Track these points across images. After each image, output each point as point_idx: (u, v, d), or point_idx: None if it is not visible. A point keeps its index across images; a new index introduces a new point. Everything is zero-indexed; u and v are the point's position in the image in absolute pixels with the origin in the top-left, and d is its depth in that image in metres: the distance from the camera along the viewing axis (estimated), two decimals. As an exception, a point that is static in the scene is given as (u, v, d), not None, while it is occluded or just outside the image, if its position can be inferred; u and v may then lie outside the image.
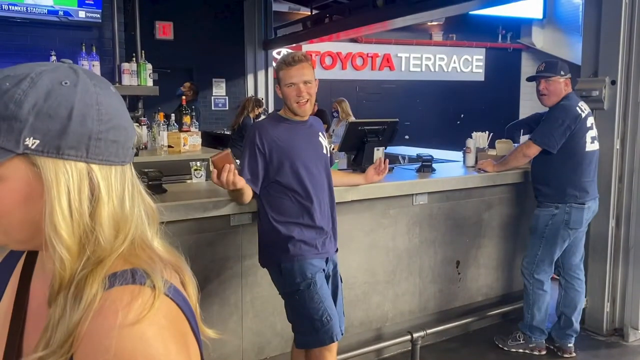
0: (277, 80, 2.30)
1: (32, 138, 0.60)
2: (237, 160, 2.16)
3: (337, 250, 2.41)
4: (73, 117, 0.61)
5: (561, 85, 3.07)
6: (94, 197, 0.63)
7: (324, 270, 2.29)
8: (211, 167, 2.09)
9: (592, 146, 3.07)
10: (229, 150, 2.11)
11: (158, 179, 2.56)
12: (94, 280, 0.61)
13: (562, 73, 3.08)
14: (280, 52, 9.25)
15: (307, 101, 2.24)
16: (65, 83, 0.63)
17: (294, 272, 2.21)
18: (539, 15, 10.87)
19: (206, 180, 3.02)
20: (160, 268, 0.65)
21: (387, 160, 2.76)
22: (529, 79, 3.23)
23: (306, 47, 9.21)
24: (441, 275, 3.44)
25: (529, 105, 10.44)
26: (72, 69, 0.66)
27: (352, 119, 6.31)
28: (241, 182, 2.13)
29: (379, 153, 3.24)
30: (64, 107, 0.61)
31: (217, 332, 0.71)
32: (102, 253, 0.63)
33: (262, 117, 5.77)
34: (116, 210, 0.65)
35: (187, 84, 6.72)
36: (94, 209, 0.63)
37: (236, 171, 2.08)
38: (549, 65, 3.15)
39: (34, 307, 0.69)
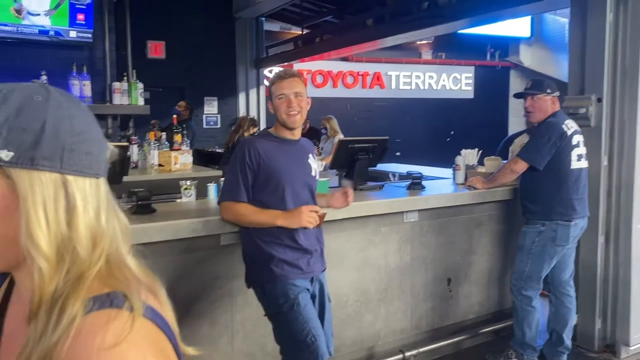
0: (270, 96, 2.30)
1: (6, 150, 0.61)
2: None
3: (324, 269, 2.39)
4: (46, 129, 0.63)
5: (547, 102, 3.11)
6: (70, 207, 0.64)
7: (308, 289, 2.26)
8: (318, 221, 2.23)
9: (578, 164, 3.09)
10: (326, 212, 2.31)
11: (147, 198, 2.55)
12: (76, 299, 0.61)
13: (549, 91, 3.12)
14: (272, 71, 9.31)
15: (297, 112, 2.23)
16: (37, 98, 0.64)
17: (276, 293, 2.19)
18: (527, 34, 11.03)
19: (196, 199, 3.02)
20: (138, 289, 0.65)
21: (352, 193, 2.51)
22: (516, 96, 3.28)
23: (297, 65, 9.26)
24: (433, 293, 3.43)
25: (517, 122, 10.54)
26: (43, 87, 0.67)
27: (341, 136, 6.36)
28: None
29: (347, 184, 3.14)
30: (36, 119, 0.63)
31: (198, 349, 0.71)
32: (81, 266, 0.63)
33: (256, 136, 5.79)
34: (92, 223, 0.65)
35: (183, 103, 6.73)
36: (70, 218, 0.63)
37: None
38: (536, 83, 3.19)
39: (8, 333, 0.69)
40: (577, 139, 3.11)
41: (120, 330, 0.58)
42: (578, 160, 3.09)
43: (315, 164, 2.39)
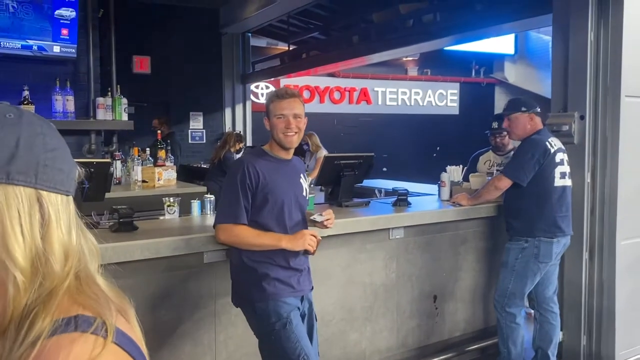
0: (266, 113, 2.27)
1: None
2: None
3: (312, 288, 2.37)
4: (20, 145, 0.63)
5: (525, 119, 3.16)
6: (45, 222, 0.64)
7: (298, 308, 2.24)
8: (315, 245, 2.23)
9: (561, 181, 3.11)
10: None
11: (129, 216, 2.50)
12: (46, 315, 0.61)
13: (524, 109, 3.17)
14: (258, 86, 9.31)
15: (295, 134, 2.22)
16: (10, 116, 0.65)
17: (269, 311, 2.16)
18: (511, 51, 11.19)
19: (179, 216, 2.98)
20: (106, 309, 0.64)
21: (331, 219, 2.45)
22: (494, 118, 3.34)
23: (284, 81, 9.29)
24: (419, 310, 3.41)
25: (503, 138, 10.60)
26: (14, 107, 0.69)
27: (324, 151, 6.37)
28: None
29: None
30: (10, 136, 0.64)
31: None
32: (53, 280, 0.64)
33: (243, 151, 5.77)
34: (64, 238, 0.66)
35: (156, 121, 6.71)
36: (45, 232, 0.64)
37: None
38: (510, 103, 3.28)
39: None
40: (561, 156, 3.13)
41: (86, 355, 0.57)
42: (561, 177, 3.11)
43: (306, 184, 2.39)
